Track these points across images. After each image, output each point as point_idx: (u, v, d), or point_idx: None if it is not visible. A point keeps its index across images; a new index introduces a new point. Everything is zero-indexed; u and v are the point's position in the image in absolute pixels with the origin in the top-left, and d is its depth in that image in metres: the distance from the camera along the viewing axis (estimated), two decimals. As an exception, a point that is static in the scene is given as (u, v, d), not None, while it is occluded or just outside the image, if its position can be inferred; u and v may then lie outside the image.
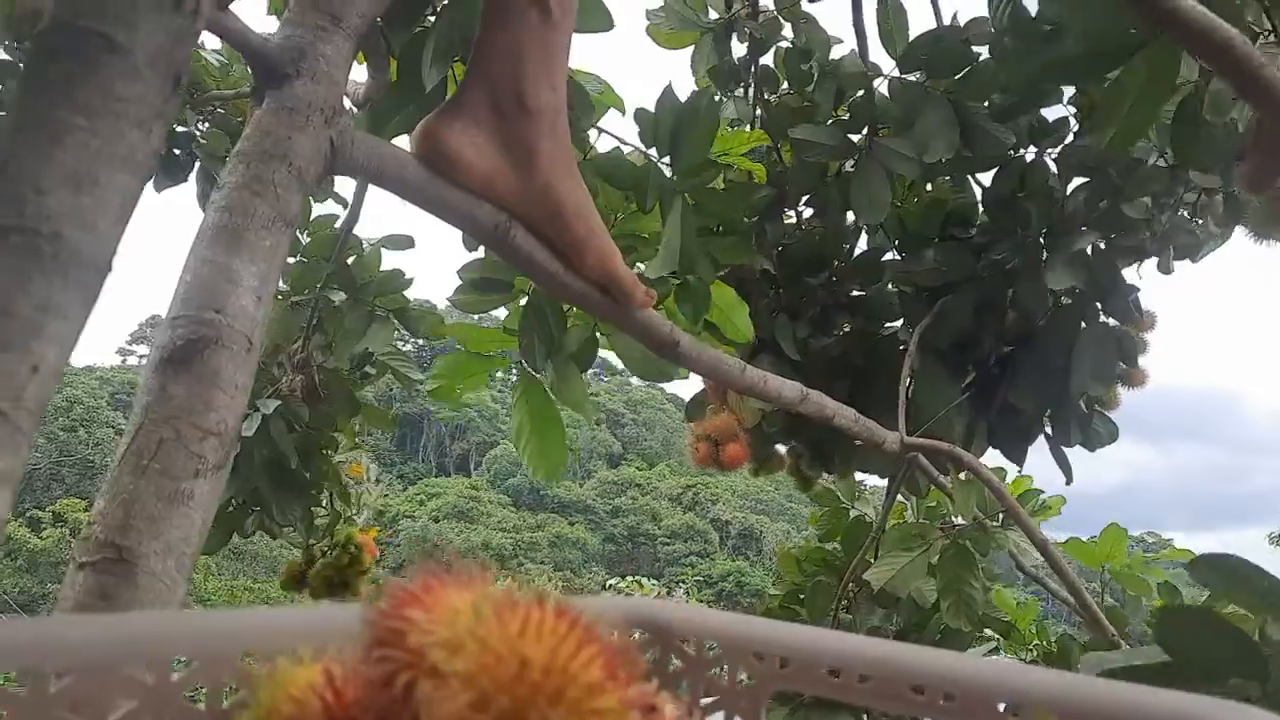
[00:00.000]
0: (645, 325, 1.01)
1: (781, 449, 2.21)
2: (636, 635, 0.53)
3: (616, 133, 1.32)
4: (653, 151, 1.15)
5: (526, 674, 0.29)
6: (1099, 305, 1.87)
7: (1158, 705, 0.43)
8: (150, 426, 0.63)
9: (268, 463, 1.87)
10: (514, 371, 1.30)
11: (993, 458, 2.02)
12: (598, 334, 1.16)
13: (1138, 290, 1.87)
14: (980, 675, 0.47)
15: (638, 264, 1.12)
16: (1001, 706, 0.47)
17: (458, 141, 0.84)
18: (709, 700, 0.52)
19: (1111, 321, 1.90)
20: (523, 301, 1.10)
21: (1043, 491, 2.38)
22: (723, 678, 0.51)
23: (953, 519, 1.83)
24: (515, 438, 1.24)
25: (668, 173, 1.13)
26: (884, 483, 2.12)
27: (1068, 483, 2.03)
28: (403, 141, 0.90)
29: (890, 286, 2.02)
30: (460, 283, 1.11)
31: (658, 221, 1.08)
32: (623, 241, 1.04)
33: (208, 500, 0.65)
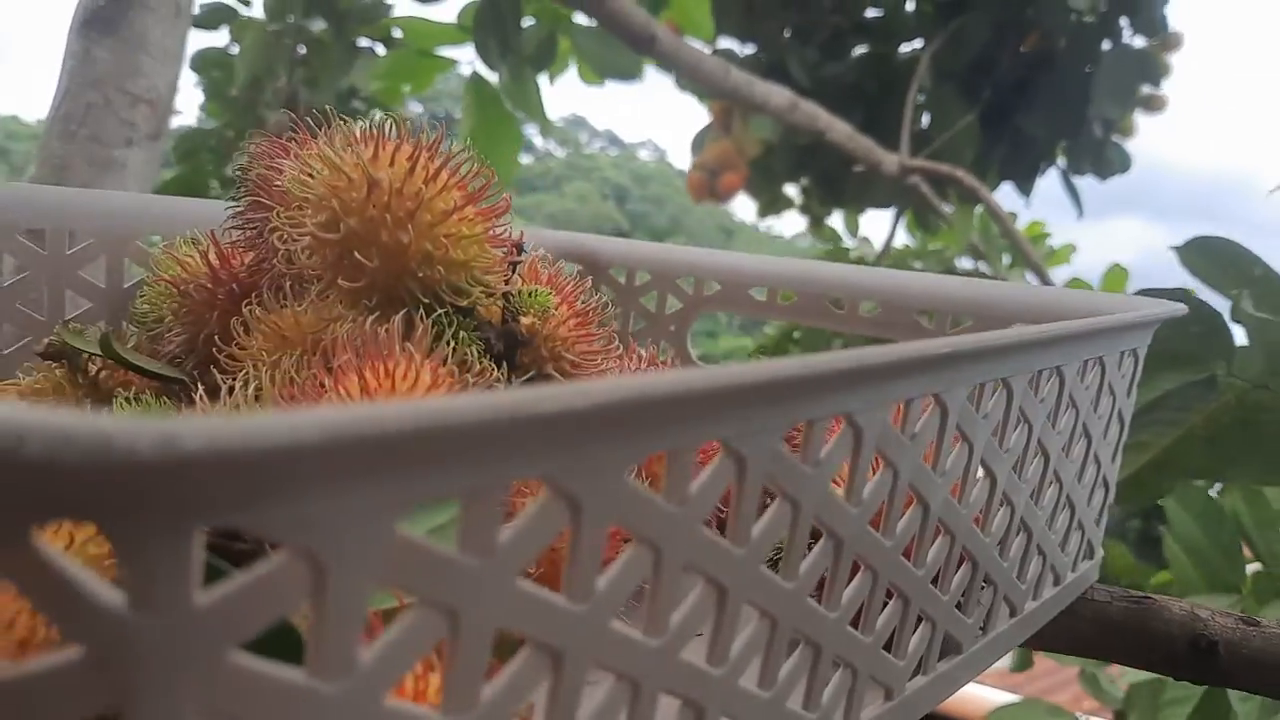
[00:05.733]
0: (618, 14, 0.96)
1: (791, 190, 2.17)
2: (565, 264, 0.53)
3: None
4: None
5: (376, 195, 0.29)
6: (1124, 22, 1.75)
7: (1070, 303, 0.43)
8: (76, 90, 0.61)
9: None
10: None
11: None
12: (556, 35, 1.09)
13: (1167, 2, 1.75)
14: (893, 285, 0.46)
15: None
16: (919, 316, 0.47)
17: None
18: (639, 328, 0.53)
19: (1136, 42, 1.79)
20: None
21: (1050, 235, 2.35)
22: (652, 304, 0.52)
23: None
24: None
25: None
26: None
27: (1079, 215, 1.99)
28: None
29: (908, 5, 1.90)
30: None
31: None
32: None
33: (142, 171, 0.64)
